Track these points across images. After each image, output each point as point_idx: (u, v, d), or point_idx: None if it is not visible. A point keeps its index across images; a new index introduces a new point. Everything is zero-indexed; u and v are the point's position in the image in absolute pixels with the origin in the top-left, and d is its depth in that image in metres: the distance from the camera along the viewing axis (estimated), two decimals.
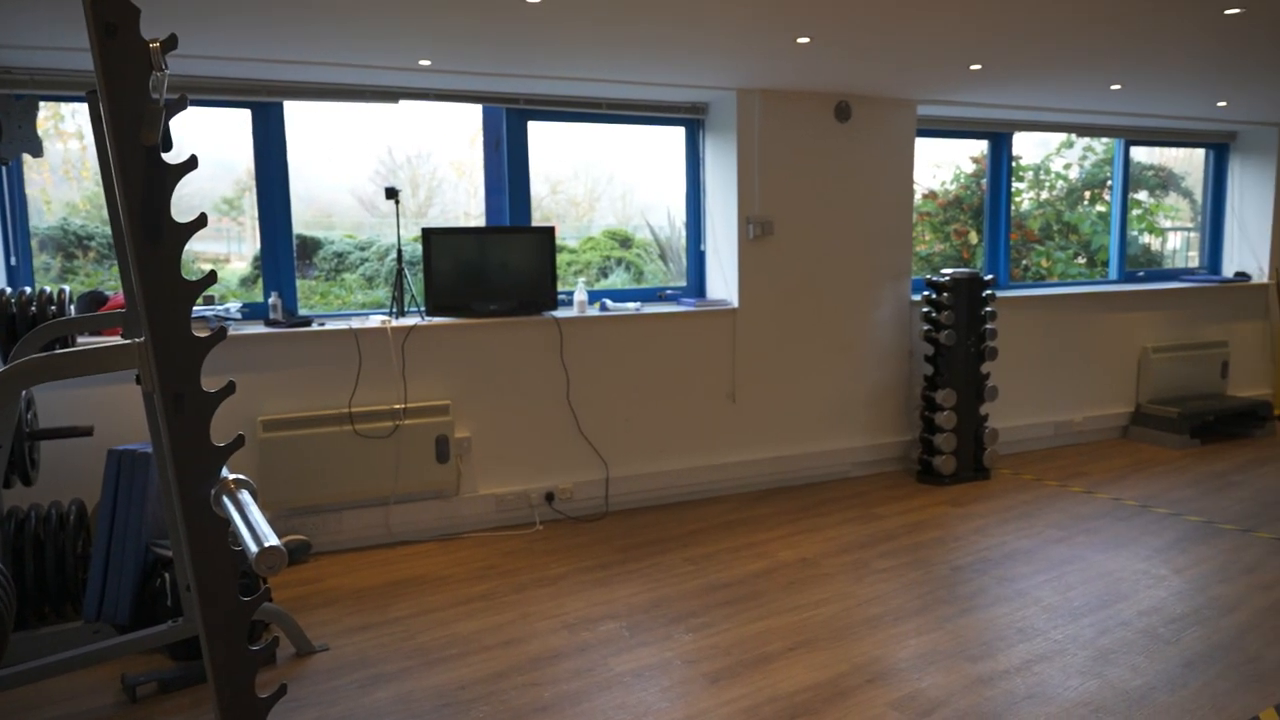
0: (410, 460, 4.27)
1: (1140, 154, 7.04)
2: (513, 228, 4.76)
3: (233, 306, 4.28)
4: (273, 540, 1.53)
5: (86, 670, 2.98)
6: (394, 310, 4.44)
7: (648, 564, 4.00)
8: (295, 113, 4.42)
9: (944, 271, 5.26)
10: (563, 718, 2.72)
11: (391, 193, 4.35)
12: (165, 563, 3.19)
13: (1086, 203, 7.10)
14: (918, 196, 5.85)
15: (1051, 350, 6.05)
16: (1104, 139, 6.76)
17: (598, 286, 5.37)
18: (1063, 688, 2.85)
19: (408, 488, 4.29)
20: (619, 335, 4.75)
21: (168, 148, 1.79)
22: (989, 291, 5.26)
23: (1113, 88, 4.97)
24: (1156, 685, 2.86)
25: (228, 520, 1.68)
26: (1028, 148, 6.71)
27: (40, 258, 4.27)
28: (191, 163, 1.76)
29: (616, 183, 5.55)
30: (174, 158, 1.78)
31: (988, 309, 5.26)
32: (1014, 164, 6.35)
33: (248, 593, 1.81)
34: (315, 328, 4.16)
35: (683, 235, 5.37)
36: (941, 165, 6.46)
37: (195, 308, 1.77)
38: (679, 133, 5.23)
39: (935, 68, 4.35)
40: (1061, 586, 3.68)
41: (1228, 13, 3.38)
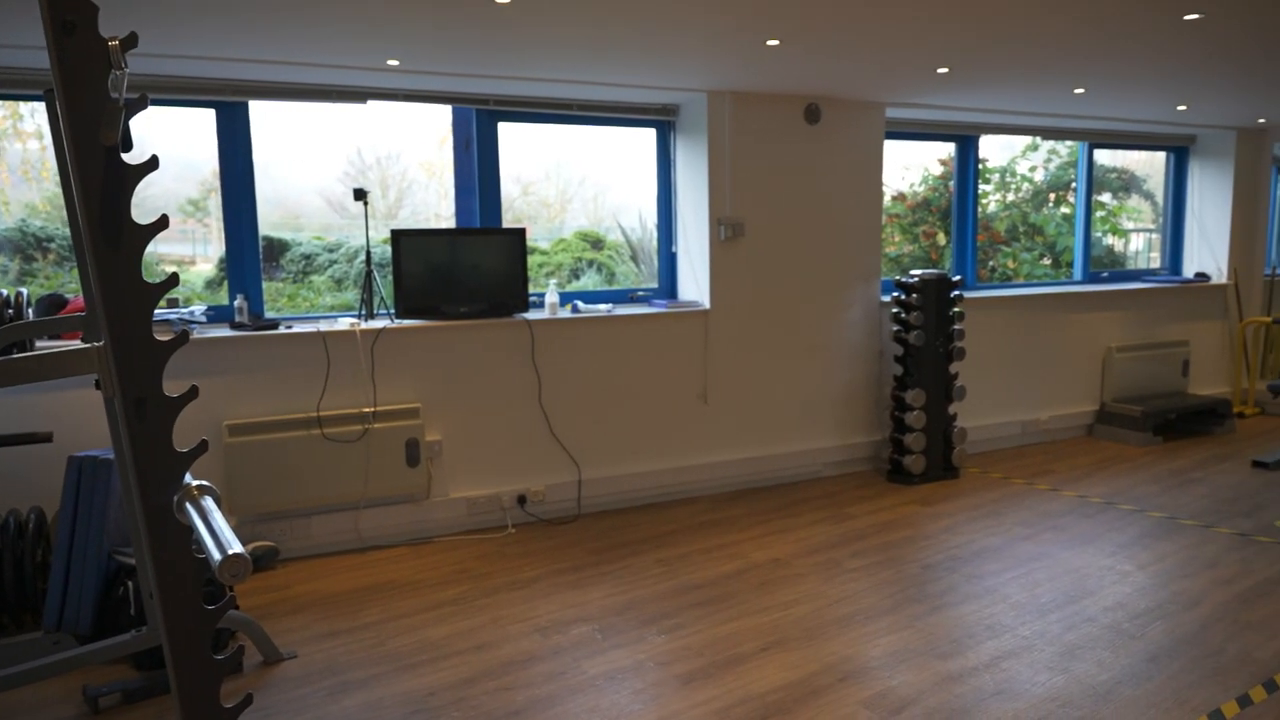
0: (380, 464, 4.23)
1: (1103, 157, 7.16)
2: (483, 229, 4.74)
3: (197, 309, 4.21)
4: (236, 547, 1.50)
5: (47, 682, 2.92)
6: (363, 313, 4.39)
7: (620, 566, 4.00)
8: (262, 112, 4.36)
9: (913, 273, 5.32)
10: None
11: (360, 194, 4.30)
12: (128, 571, 3.12)
13: (1051, 205, 7.21)
14: (887, 198, 5.90)
15: (1018, 350, 6.14)
16: (1068, 142, 6.87)
17: (569, 288, 5.35)
18: (1030, 683, 2.89)
19: (378, 492, 4.25)
20: (591, 337, 4.74)
21: (128, 148, 1.75)
22: (957, 292, 5.32)
23: (1076, 91, 5.05)
24: (1122, 680, 2.91)
25: (191, 527, 1.65)
26: (994, 150, 6.80)
27: None
28: (152, 163, 1.73)
29: (588, 184, 5.54)
30: (134, 158, 1.74)
31: (956, 310, 5.32)
32: (980, 166, 6.43)
33: (212, 600, 1.78)
34: (282, 330, 4.11)
35: (654, 237, 5.37)
36: (910, 167, 6.53)
37: (158, 311, 1.74)
38: (650, 134, 5.23)
39: (903, 70, 4.39)
40: (1029, 583, 3.73)
41: (1187, 18, 3.45)
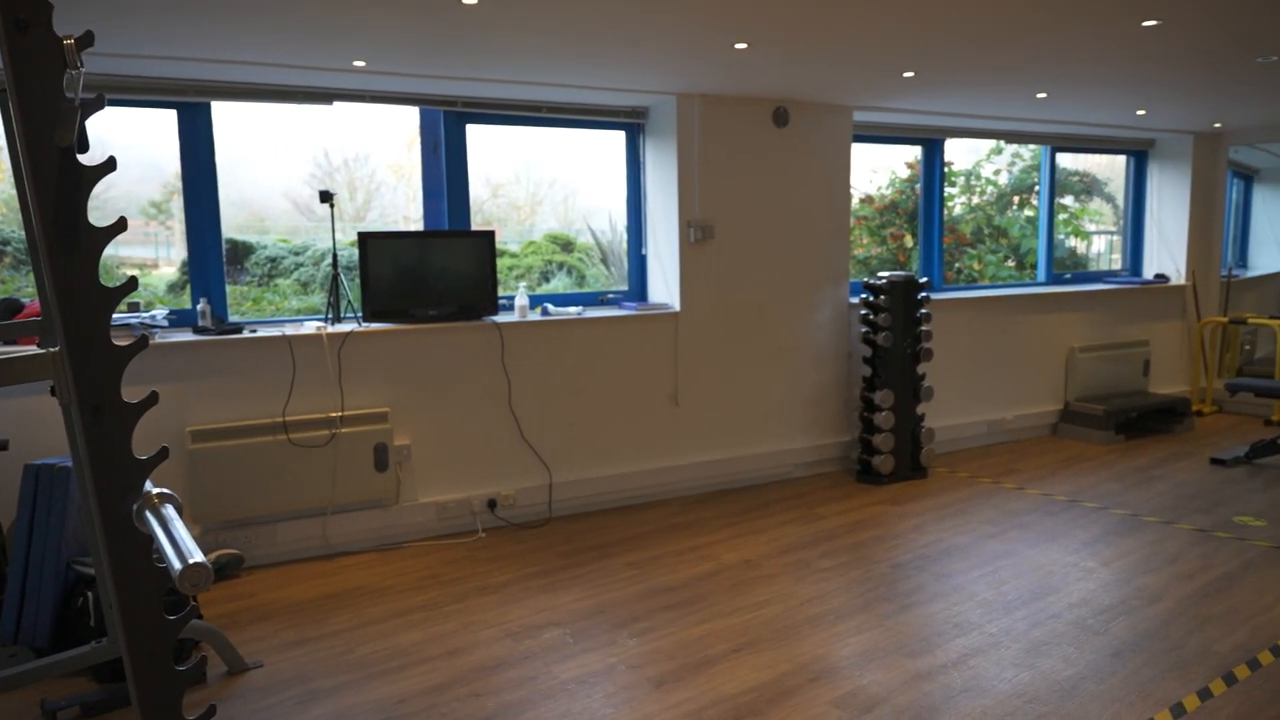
0: (348, 469, 4.18)
1: (1065, 160, 7.28)
2: (452, 232, 4.70)
3: (159, 314, 4.13)
4: (198, 557, 1.47)
5: (3, 695, 2.84)
6: (329, 316, 4.34)
7: (591, 569, 3.98)
8: (225, 113, 4.29)
9: (881, 275, 5.37)
10: None
11: (326, 196, 4.25)
12: (87, 581, 3.06)
13: (1015, 207, 7.32)
14: (855, 201, 5.95)
15: (984, 351, 6.22)
16: (1031, 146, 6.98)
17: (540, 291, 5.33)
18: (997, 680, 2.92)
19: (345, 497, 4.20)
20: (561, 340, 4.72)
21: (84, 149, 1.72)
22: (924, 294, 5.38)
23: (1039, 96, 5.14)
24: (1086, 675, 2.95)
25: (151, 536, 1.62)
26: (959, 154, 6.89)
27: None
28: (109, 165, 1.69)
29: (559, 186, 5.53)
30: (92, 159, 1.71)
31: (923, 311, 5.38)
32: (946, 169, 6.51)
33: (174, 611, 1.75)
34: (246, 335, 4.05)
35: (624, 239, 5.36)
36: (878, 170, 6.59)
37: (118, 315, 1.71)
38: (620, 137, 5.23)
39: (870, 74, 4.43)
40: (995, 581, 3.77)
41: (1145, 24, 3.52)
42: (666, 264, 5.09)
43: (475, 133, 4.82)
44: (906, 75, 4.44)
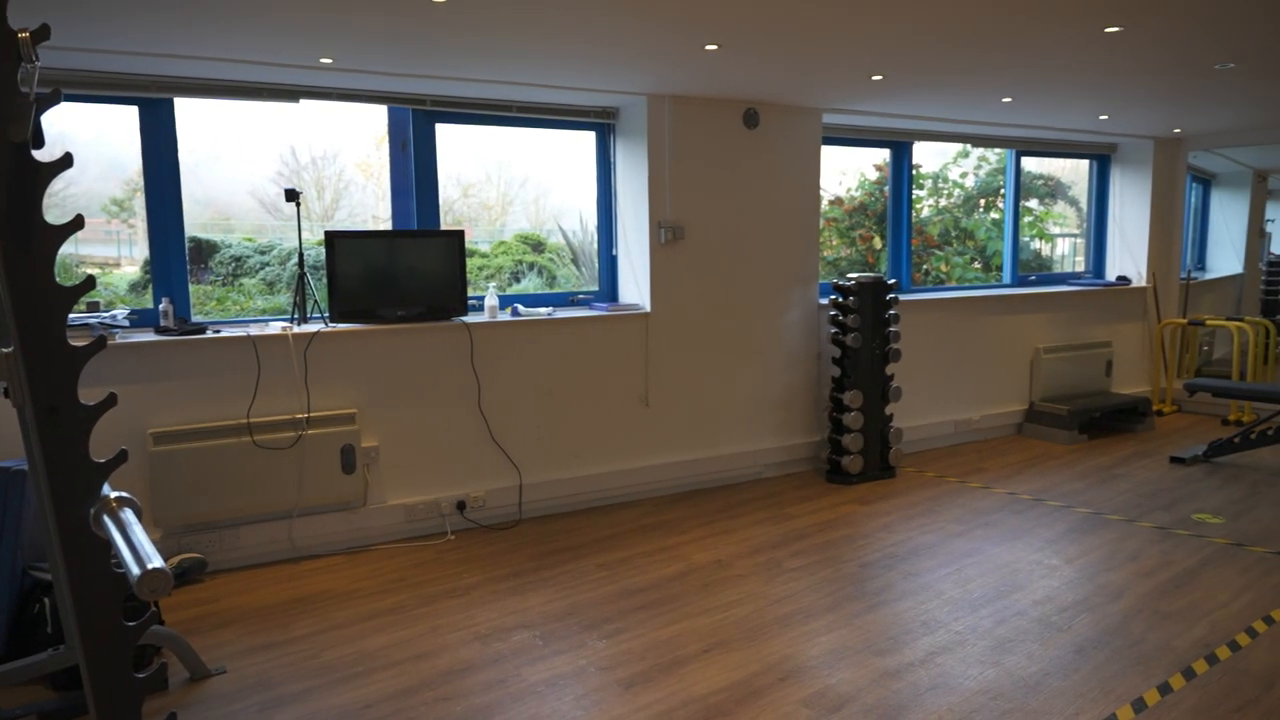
0: (314, 471, 4.13)
1: (1030, 164, 7.39)
2: (420, 231, 4.66)
3: (119, 313, 4.05)
4: (156, 562, 1.44)
5: None
6: (295, 317, 4.28)
7: (561, 571, 3.97)
8: (190, 109, 4.22)
9: (850, 276, 5.41)
10: None
11: (292, 194, 4.20)
12: (44, 587, 2.99)
13: (982, 210, 7.42)
14: (824, 202, 6.00)
15: (951, 351, 6.29)
16: (997, 149, 7.08)
17: (510, 291, 5.31)
18: (964, 677, 2.95)
19: (312, 500, 4.14)
20: (531, 340, 4.70)
21: (39, 145, 1.68)
22: (893, 295, 5.43)
23: (1004, 100, 5.21)
24: (1050, 671, 2.99)
25: (109, 541, 1.58)
26: (927, 157, 6.97)
27: None
28: (66, 161, 1.66)
29: (530, 186, 5.50)
30: (48, 155, 1.67)
31: (891, 312, 5.42)
32: (914, 172, 6.57)
33: (133, 617, 1.71)
34: (210, 335, 3.98)
35: (595, 240, 5.36)
36: (847, 172, 6.65)
37: (77, 315, 1.67)
38: (591, 137, 5.22)
39: (839, 77, 4.47)
40: (962, 579, 3.82)
41: (1107, 31, 3.58)
42: (637, 265, 5.09)
43: (446, 132, 4.78)
44: (875, 78, 4.48)
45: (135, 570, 1.45)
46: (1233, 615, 3.43)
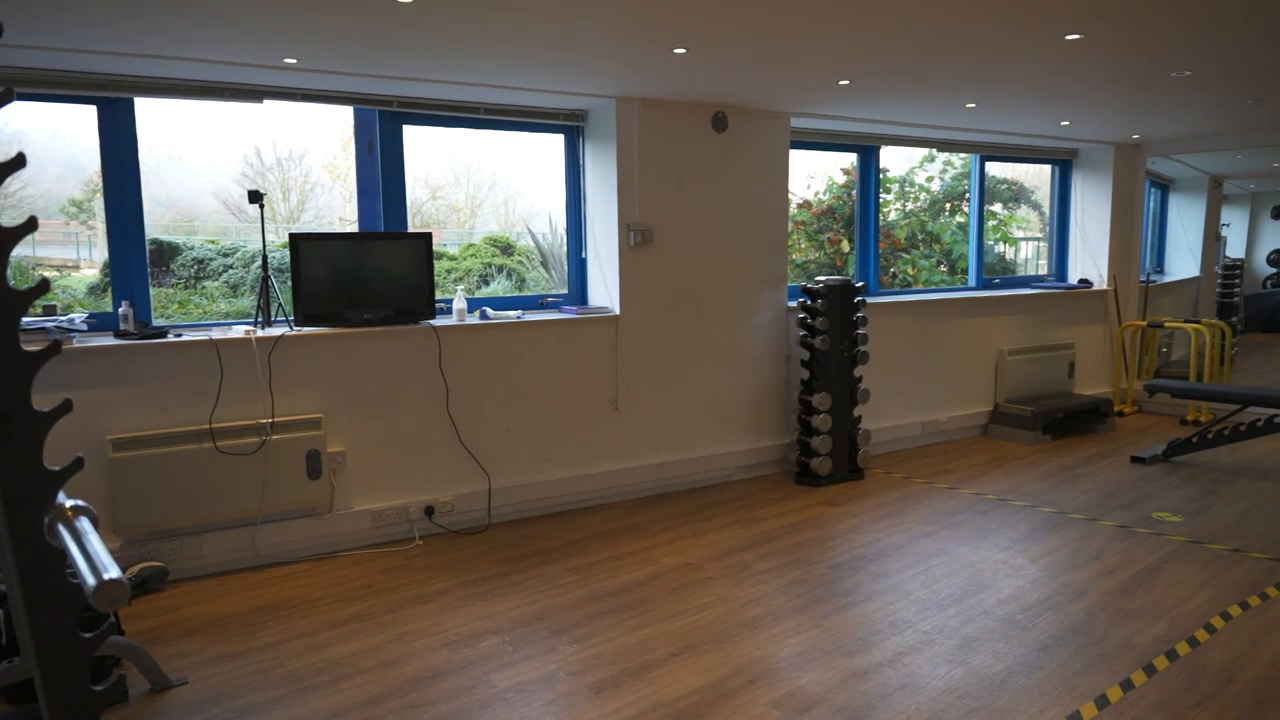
0: (279, 477, 4.07)
1: (995, 169, 7.50)
2: (387, 234, 4.61)
3: (77, 317, 3.96)
4: (113, 572, 1.41)
5: None
6: (260, 320, 4.22)
7: (531, 575, 3.95)
8: (151, 109, 4.14)
9: (818, 279, 5.44)
10: None
11: (255, 196, 4.14)
12: None
13: (947, 214, 7.52)
14: (793, 206, 6.03)
15: (918, 353, 6.36)
16: (962, 154, 7.17)
17: (479, 294, 5.28)
18: (931, 677, 2.98)
19: (276, 506, 4.08)
20: (500, 344, 4.67)
21: None
22: (860, 298, 5.47)
23: (968, 106, 5.28)
24: (1015, 669, 3.03)
25: (64, 551, 1.54)
26: (894, 161, 7.05)
27: None
28: (18, 161, 1.62)
29: (499, 189, 5.48)
30: (2, 155, 1.63)
31: (859, 315, 5.47)
32: (881, 176, 6.64)
33: (90, 628, 1.67)
34: (171, 339, 3.91)
35: (564, 242, 5.34)
36: (815, 176, 6.71)
37: (31, 319, 1.63)
38: (560, 139, 5.20)
39: (807, 81, 4.50)
40: (929, 579, 3.85)
41: (1068, 38, 3.64)
42: (606, 267, 5.08)
43: (414, 134, 4.74)
44: (842, 83, 4.52)
45: (91, 581, 1.41)
46: (1191, 612, 3.50)
